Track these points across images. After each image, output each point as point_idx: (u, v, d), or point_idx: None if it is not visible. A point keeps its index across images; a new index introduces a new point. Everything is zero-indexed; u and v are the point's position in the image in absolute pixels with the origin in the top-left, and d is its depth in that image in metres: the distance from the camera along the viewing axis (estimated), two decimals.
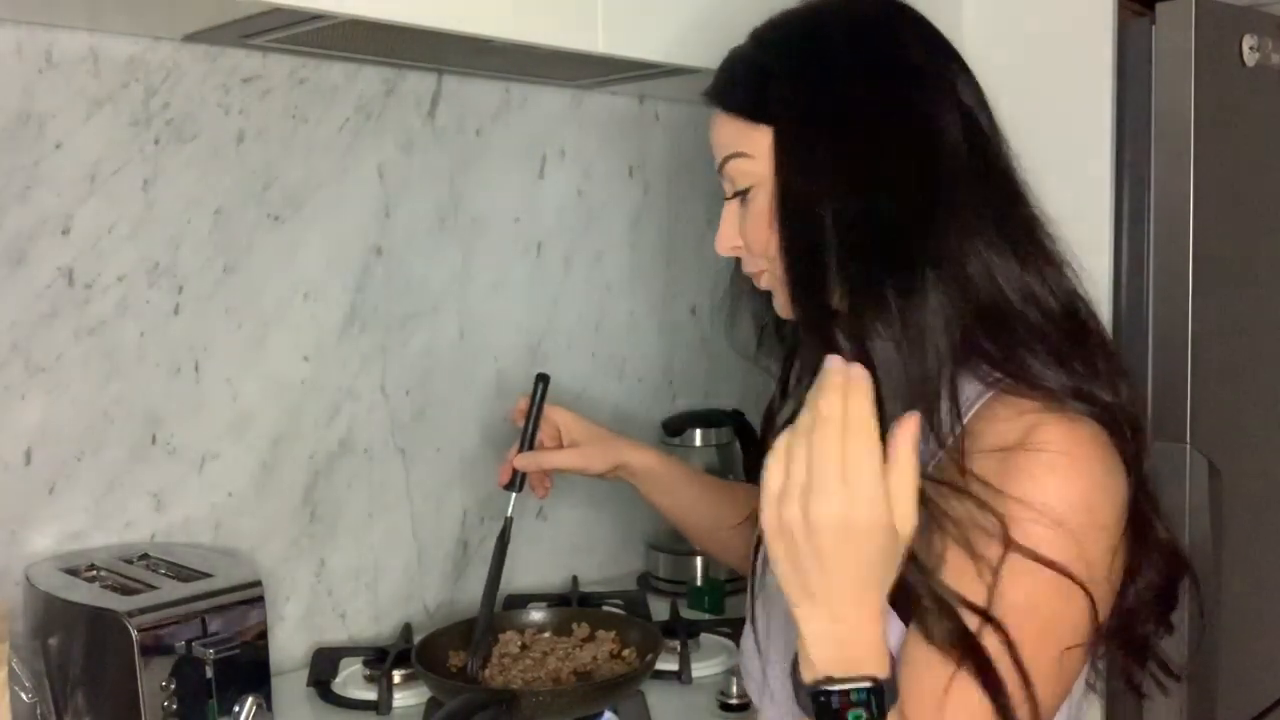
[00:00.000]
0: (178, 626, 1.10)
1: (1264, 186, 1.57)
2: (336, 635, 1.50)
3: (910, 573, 0.79)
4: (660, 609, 1.59)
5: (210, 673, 1.10)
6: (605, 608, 1.55)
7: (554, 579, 1.71)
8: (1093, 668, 0.90)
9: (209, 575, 1.18)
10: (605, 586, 1.71)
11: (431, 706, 1.26)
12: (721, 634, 1.49)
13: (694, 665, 1.39)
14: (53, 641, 1.15)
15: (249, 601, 1.16)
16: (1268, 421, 1.60)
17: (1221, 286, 1.45)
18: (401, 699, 1.32)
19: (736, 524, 1.19)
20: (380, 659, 1.37)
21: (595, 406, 1.70)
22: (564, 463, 1.27)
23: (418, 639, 1.36)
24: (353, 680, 1.37)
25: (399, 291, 1.53)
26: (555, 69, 1.54)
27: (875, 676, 0.72)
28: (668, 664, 1.37)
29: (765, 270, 0.95)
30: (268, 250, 1.40)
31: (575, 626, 1.38)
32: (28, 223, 1.22)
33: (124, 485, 1.31)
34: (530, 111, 1.65)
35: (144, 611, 1.08)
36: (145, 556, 1.25)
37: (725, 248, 0.98)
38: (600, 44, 1.31)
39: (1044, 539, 0.78)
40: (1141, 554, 0.86)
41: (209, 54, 1.34)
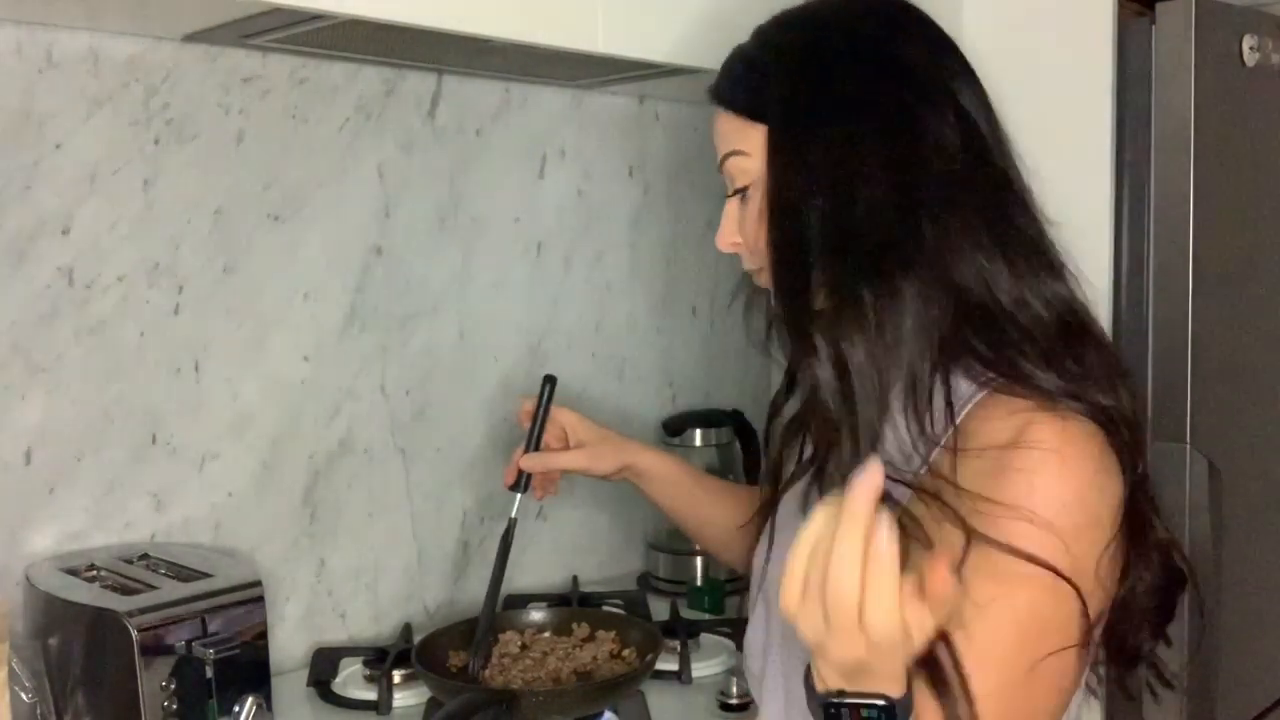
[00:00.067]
0: (178, 626, 1.09)
1: (1264, 186, 1.57)
2: (336, 635, 1.50)
3: None
4: (660, 609, 1.59)
5: (210, 673, 1.10)
6: (605, 608, 1.55)
7: (554, 579, 1.71)
8: (1093, 671, 0.90)
9: (209, 575, 1.18)
10: (605, 586, 1.71)
11: (431, 706, 1.26)
12: (721, 634, 1.49)
13: (694, 665, 1.39)
14: (53, 641, 1.15)
15: (249, 601, 1.16)
16: (1268, 421, 1.60)
17: (1221, 286, 1.45)
18: (401, 699, 1.32)
19: (740, 524, 1.19)
20: (380, 659, 1.37)
21: (595, 406, 1.70)
22: (570, 463, 1.27)
23: (418, 639, 1.36)
24: (353, 680, 1.37)
25: (399, 291, 1.53)
26: (555, 69, 1.54)
27: (889, 695, 0.70)
28: (668, 664, 1.37)
29: (763, 268, 0.95)
30: (268, 250, 1.40)
31: (575, 626, 1.38)
32: (28, 223, 1.22)
33: (124, 485, 1.31)
34: (530, 111, 1.65)
35: (144, 611, 1.08)
36: (145, 556, 1.25)
37: (725, 244, 0.99)
38: (600, 44, 1.31)
39: (1033, 539, 0.78)
40: (1140, 554, 0.86)
41: (209, 54, 1.34)
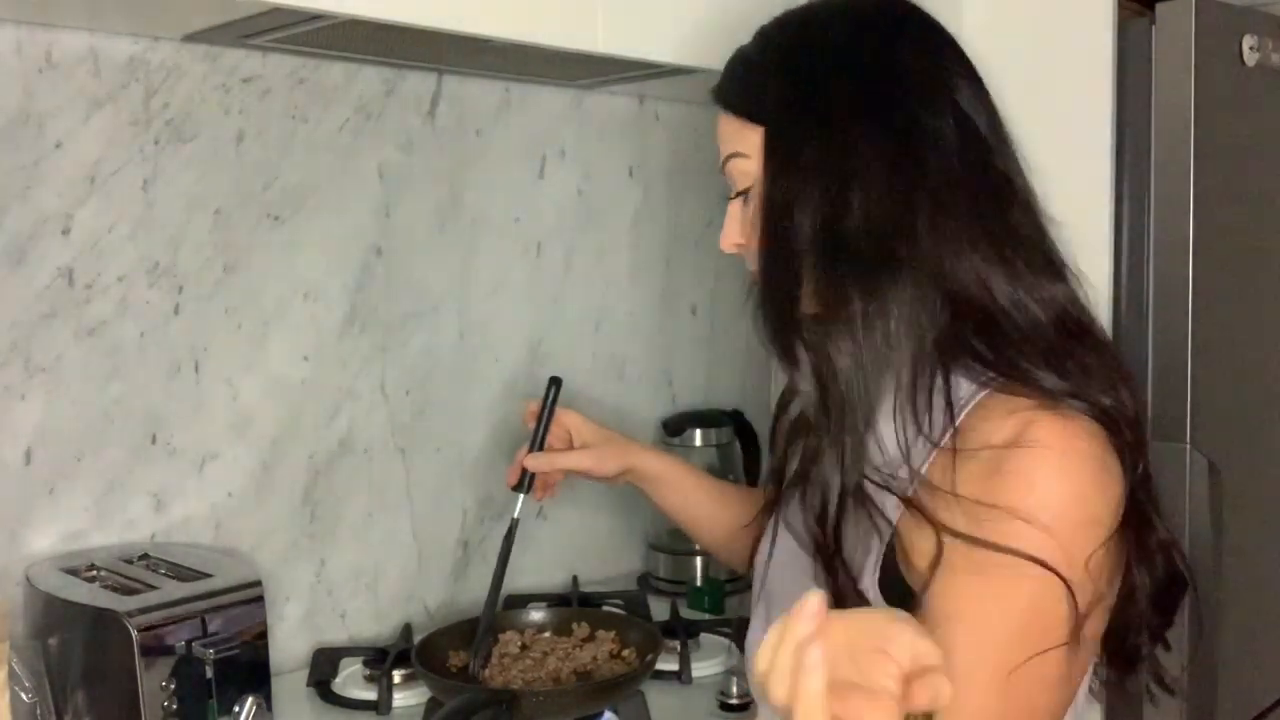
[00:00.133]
0: (178, 626, 1.09)
1: (1264, 186, 1.57)
2: (336, 635, 1.50)
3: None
4: (660, 609, 1.59)
5: (210, 673, 1.10)
6: (605, 608, 1.55)
7: (554, 579, 1.71)
8: (1094, 673, 0.90)
9: (209, 575, 1.18)
10: (605, 586, 1.71)
11: (431, 706, 1.26)
12: (721, 634, 1.49)
13: (694, 665, 1.39)
14: (53, 641, 1.15)
15: (249, 601, 1.16)
16: (1268, 421, 1.60)
17: (1221, 286, 1.45)
18: (401, 699, 1.32)
19: (742, 525, 1.19)
20: (380, 659, 1.37)
21: (595, 406, 1.70)
22: (575, 463, 1.27)
23: (418, 639, 1.36)
24: (353, 680, 1.37)
25: (399, 291, 1.53)
26: (555, 69, 1.54)
27: None
28: (668, 664, 1.37)
29: None
30: (268, 250, 1.40)
31: (575, 626, 1.38)
32: (28, 223, 1.22)
33: (124, 485, 1.31)
34: (530, 111, 1.65)
35: (144, 611, 1.08)
36: (145, 556, 1.25)
37: (728, 245, 0.99)
38: (600, 44, 1.31)
39: (1030, 537, 0.78)
40: (1141, 555, 0.86)
41: (209, 54, 1.34)
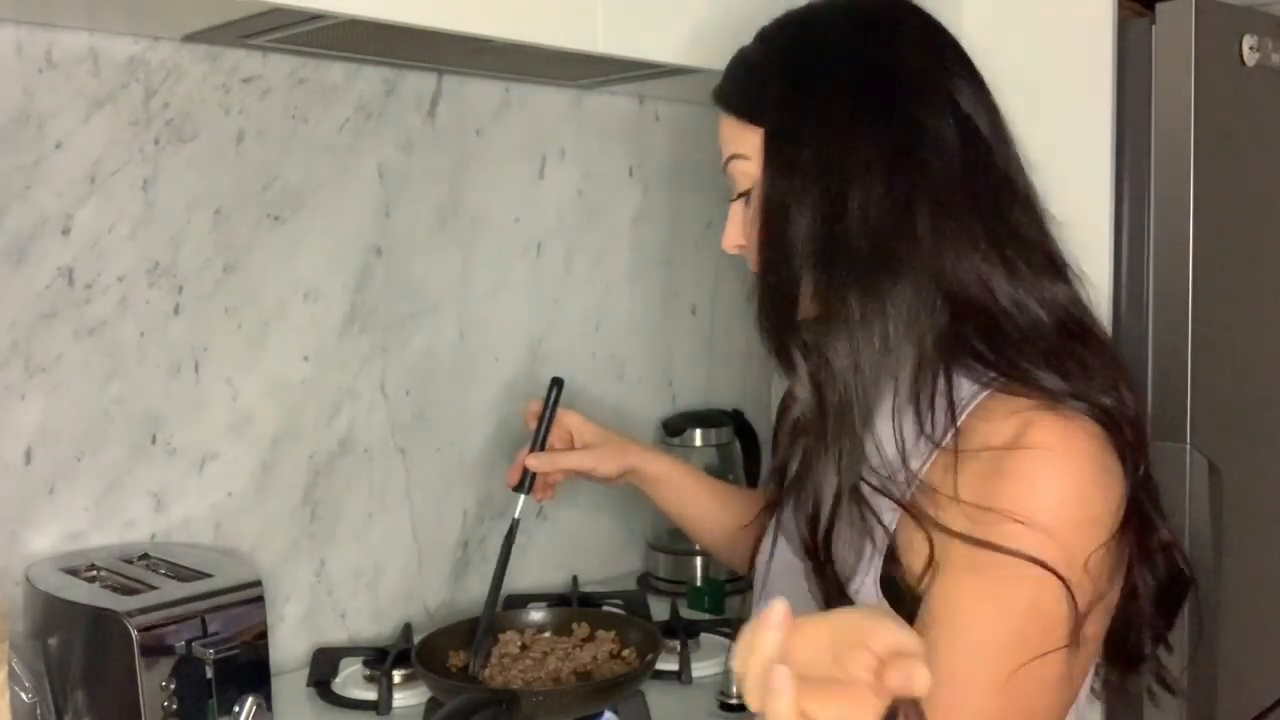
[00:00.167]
0: (178, 626, 1.09)
1: (1264, 186, 1.57)
2: (336, 635, 1.50)
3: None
4: (660, 609, 1.59)
5: (210, 673, 1.10)
6: (605, 608, 1.55)
7: (554, 579, 1.71)
8: (1095, 674, 0.90)
9: (209, 575, 1.18)
10: (605, 586, 1.71)
11: (431, 706, 1.26)
12: (721, 634, 1.49)
13: (694, 665, 1.39)
14: (53, 641, 1.15)
15: (249, 601, 1.16)
16: (1268, 421, 1.60)
17: (1221, 286, 1.45)
18: (401, 699, 1.32)
19: (743, 526, 1.19)
20: (380, 659, 1.37)
21: (595, 406, 1.70)
22: (576, 464, 1.27)
23: (418, 639, 1.36)
24: (353, 680, 1.37)
25: (399, 291, 1.53)
26: (555, 69, 1.54)
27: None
28: (668, 664, 1.37)
29: None
30: (268, 250, 1.40)
31: (575, 626, 1.38)
32: (28, 223, 1.22)
33: (124, 485, 1.31)
34: (530, 111, 1.65)
35: (144, 611, 1.08)
36: (145, 556, 1.25)
37: (730, 246, 0.99)
38: (600, 44, 1.31)
39: (1030, 539, 0.78)
40: (1143, 556, 0.86)
41: (209, 54, 1.34)
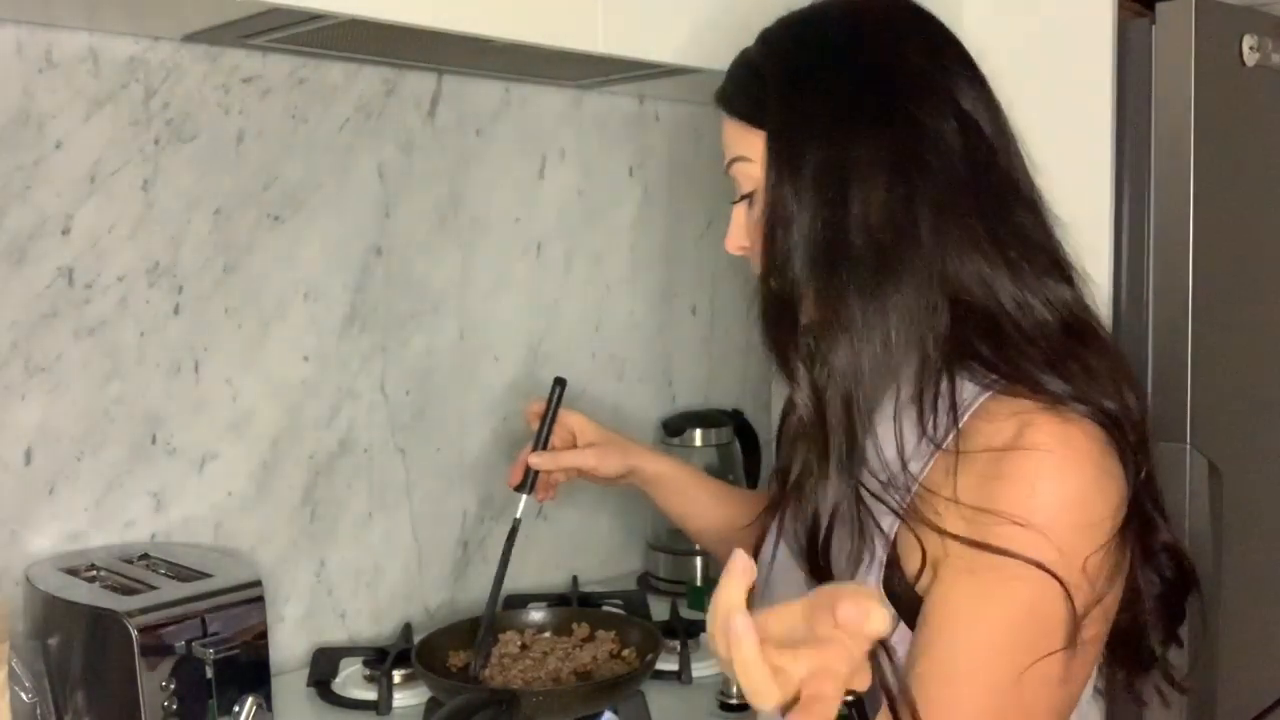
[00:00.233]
0: (178, 626, 1.09)
1: (1264, 186, 1.57)
2: (336, 635, 1.50)
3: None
4: (660, 609, 1.59)
5: (210, 673, 1.10)
6: (605, 608, 1.55)
7: (554, 579, 1.71)
8: (1100, 674, 0.90)
9: (209, 575, 1.18)
10: (605, 586, 1.71)
11: (431, 706, 1.26)
12: None
13: (694, 665, 1.39)
14: (53, 641, 1.15)
15: (249, 601, 1.16)
16: (1268, 421, 1.60)
17: (1221, 286, 1.45)
18: (401, 699, 1.32)
19: (743, 526, 1.19)
20: (380, 659, 1.37)
21: (595, 406, 1.70)
22: (579, 462, 1.27)
23: (418, 639, 1.36)
24: (353, 680, 1.37)
25: (399, 291, 1.53)
26: (555, 69, 1.54)
27: (855, 690, 0.71)
28: (668, 664, 1.37)
29: None
30: (268, 250, 1.40)
31: (575, 626, 1.38)
32: (28, 223, 1.22)
33: (124, 485, 1.31)
34: (530, 111, 1.65)
35: (144, 611, 1.08)
36: (145, 556, 1.25)
37: (733, 248, 0.99)
38: (600, 44, 1.31)
39: (1028, 541, 0.78)
40: (1146, 558, 0.86)
41: (209, 54, 1.34)
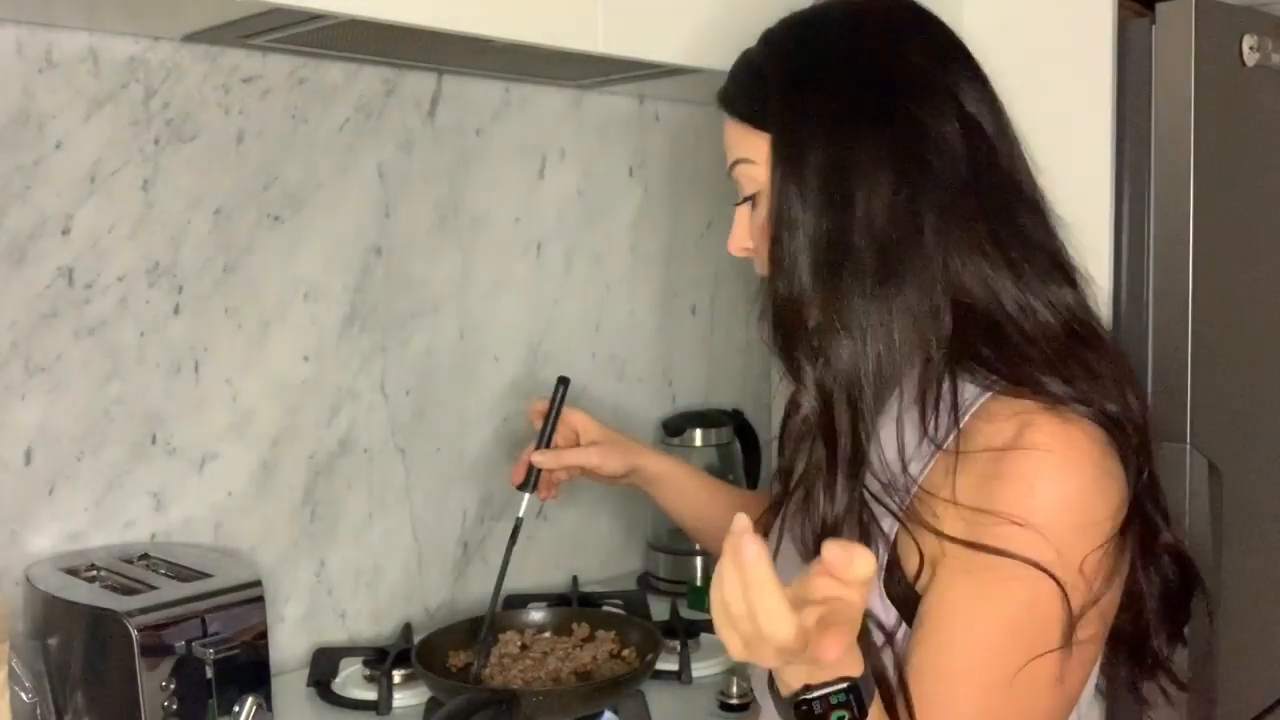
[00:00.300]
0: (178, 626, 1.09)
1: (1264, 186, 1.57)
2: (336, 635, 1.50)
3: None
4: (660, 609, 1.59)
5: (210, 673, 1.10)
6: (605, 608, 1.55)
7: (554, 579, 1.71)
8: (1102, 674, 0.90)
9: (209, 575, 1.18)
10: (605, 586, 1.71)
11: (431, 706, 1.26)
12: None
13: (694, 665, 1.39)
14: (53, 641, 1.15)
15: (249, 601, 1.16)
16: (1268, 421, 1.60)
17: (1221, 286, 1.45)
18: (401, 699, 1.32)
19: None
20: (380, 659, 1.37)
21: (595, 406, 1.70)
22: (582, 459, 1.27)
23: (418, 639, 1.36)
24: (353, 680, 1.37)
25: (399, 291, 1.53)
26: (555, 69, 1.54)
27: (850, 676, 0.71)
28: (668, 664, 1.37)
29: None
30: (268, 250, 1.40)
31: (575, 626, 1.38)
32: (28, 223, 1.22)
33: (124, 485, 1.31)
34: (530, 111, 1.65)
35: (144, 611, 1.08)
36: (145, 556, 1.25)
37: (736, 249, 0.98)
38: (600, 44, 1.31)
39: (1027, 541, 0.78)
40: (1148, 559, 0.86)
41: (209, 54, 1.34)
